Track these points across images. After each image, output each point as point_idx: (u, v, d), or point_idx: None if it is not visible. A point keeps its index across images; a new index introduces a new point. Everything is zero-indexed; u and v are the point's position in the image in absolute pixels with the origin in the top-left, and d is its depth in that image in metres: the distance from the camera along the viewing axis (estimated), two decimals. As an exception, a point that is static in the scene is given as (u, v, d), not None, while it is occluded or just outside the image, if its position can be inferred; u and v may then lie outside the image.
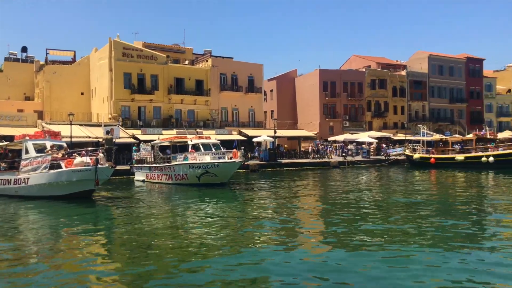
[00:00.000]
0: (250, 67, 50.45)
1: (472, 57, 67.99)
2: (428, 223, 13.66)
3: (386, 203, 18.27)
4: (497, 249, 10.38)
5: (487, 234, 12.25)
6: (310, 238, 12.09)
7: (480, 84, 67.75)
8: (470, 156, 38.34)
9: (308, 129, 54.63)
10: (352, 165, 41.53)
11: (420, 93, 62.82)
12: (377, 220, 14.30)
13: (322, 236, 12.20)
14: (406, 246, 10.71)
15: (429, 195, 20.87)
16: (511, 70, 71.96)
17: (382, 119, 59.81)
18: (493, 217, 14.82)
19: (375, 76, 59.67)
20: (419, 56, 65.56)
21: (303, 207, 17.65)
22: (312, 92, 57.70)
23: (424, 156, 40.98)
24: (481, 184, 26.24)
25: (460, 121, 64.19)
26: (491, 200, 19.08)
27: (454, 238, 11.58)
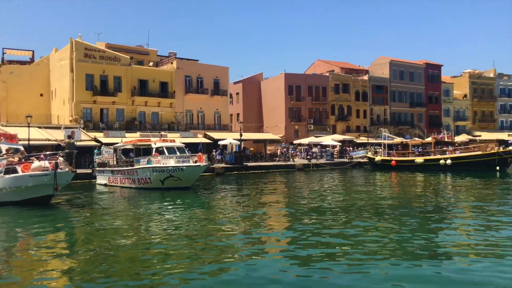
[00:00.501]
0: (216, 70, 50.31)
1: (431, 63, 70.53)
2: (388, 226, 14.04)
3: (349, 206, 18.61)
4: (452, 254, 10.81)
5: (444, 236, 12.71)
6: (274, 244, 12.15)
7: (439, 89, 70.34)
8: (429, 158, 39.69)
9: (273, 132, 55.00)
10: (316, 167, 42.11)
11: (382, 98, 64.56)
12: (340, 224, 14.56)
13: (286, 243, 12.26)
14: (367, 251, 10.95)
15: (390, 197, 21.47)
16: (467, 76, 75.03)
17: (346, 123, 61.01)
18: (449, 219, 15.39)
19: (338, 80, 60.85)
20: (380, 61, 67.39)
21: (268, 211, 17.71)
22: (277, 96, 58.17)
23: (386, 158, 42.09)
24: (439, 186, 27.19)
25: (419, 124, 66.35)
26: (448, 201, 19.81)
27: (413, 242, 11.95)
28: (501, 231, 12.70)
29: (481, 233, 12.61)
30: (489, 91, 74.74)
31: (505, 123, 75.82)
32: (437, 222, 14.52)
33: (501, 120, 75.72)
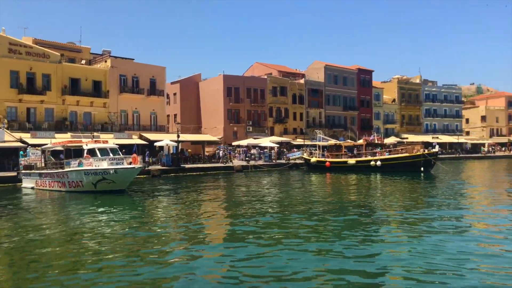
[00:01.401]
0: (152, 69, 49.22)
1: (363, 69, 73.89)
2: (322, 225, 14.51)
3: (286, 205, 19.01)
4: (384, 247, 11.39)
5: (373, 233, 13.35)
6: (211, 247, 12.12)
7: (370, 93, 73.86)
8: (360, 160, 41.52)
9: (212, 134, 54.78)
10: (255, 169, 42.51)
11: (317, 101, 66.60)
12: (278, 223, 14.82)
13: (223, 245, 12.29)
14: (302, 252, 11.25)
15: (325, 197, 22.18)
16: (395, 82, 79.48)
17: (283, 125, 62.21)
18: (377, 217, 16.21)
19: (276, 83, 61.93)
20: (316, 66, 69.52)
21: (205, 214, 17.59)
22: (216, 97, 58.04)
23: (320, 160, 43.47)
24: (369, 186, 28.54)
25: (352, 127, 69.27)
26: (377, 200, 20.87)
27: (344, 238, 12.44)
28: (425, 227, 13.59)
29: (407, 228, 13.41)
30: (415, 96, 79.70)
31: (429, 126, 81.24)
32: (366, 219, 15.22)
33: (426, 123, 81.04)
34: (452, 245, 11.28)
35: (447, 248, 10.98)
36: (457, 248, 10.96)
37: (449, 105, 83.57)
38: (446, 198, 21.06)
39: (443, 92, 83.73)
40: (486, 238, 12.14)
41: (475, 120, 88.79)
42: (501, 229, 13.42)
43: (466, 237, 12.35)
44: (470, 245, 11.26)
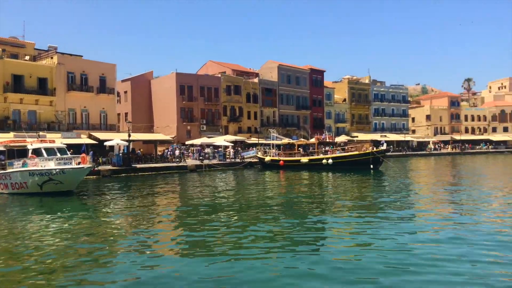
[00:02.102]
0: (102, 67, 47.66)
1: (315, 69, 75.32)
2: (276, 223, 14.66)
3: (241, 204, 19.04)
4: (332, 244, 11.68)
5: (326, 229, 13.67)
6: (163, 248, 11.94)
7: (322, 93, 75.43)
8: (313, 158, 42.33)
9: (165, 133, 53.88)
10: (209, 168, 42.24)
11: (271, 100, 67.20)
12: (232, 222, 14.82)
13: (176, 247, 12.15)
14: (255, 248, 11.33)
15: (279, 195, 22.44)
16: (346, 82, 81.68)
17: (237, 124, 62.26)
18: (330, 214, 16.61)
19: (230, 82, 61.86)
20: (270, 65, 70.12)
21: (158, 218, 17.25)
22: (169, 95, 57.14)
23: (275, 158, 43.91)
24: (321, 183, 29.18)
25: (305, 126, 70.48)
26: (329, 197, 21.38)
27: (298, 235, 12.64)
28: (375, 223, 14.08)
29: (357, 225, 13.84)
30: (365, 96, 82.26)
31: (378, 125, 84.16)
32: (318, 217, 15.55)
33: (375, 122, 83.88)
34: (400, 238, 11.79)
35: (394, 241, 11.46)
36: (405, 240, 11.47)
37: (396, 104, 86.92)
38: (393, 194, 21.93)
39: (391, 92, 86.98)
40: (426, 229, 12.79)
41: (420, 119, 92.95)
42: (441, 219, 14.18)
43: (411, 229, 12.95)
44: (415, 237, 11.83)
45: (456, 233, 12.35)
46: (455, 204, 18.20)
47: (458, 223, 13.80)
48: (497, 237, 11.81)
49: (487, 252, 10.35)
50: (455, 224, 13.72)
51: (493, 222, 14.12)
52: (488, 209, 16.85)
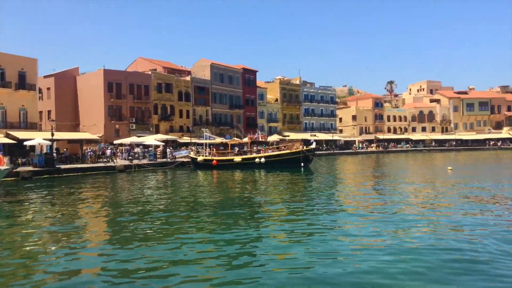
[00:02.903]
0: (22, 61, 44.42)
1: (247, 68, 75.91)
2: (208, 223, 14.51)
3: (172, 206, 18.62)
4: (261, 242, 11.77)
5: (258, 229, 13.75)
6: (89, 254, 11.34)
7: (254, 93, 76.22)
8: (246, 157, 42.58)
9: (92, 132, 51.42)
10: (139, 168, 40.94)
11: (204, 99, 66.70)
12: (162, 225, 14.44)
13: (103, 252, 11.59)
14: (188, 251, 11.11)
15: (211, 195, 22.25)
16: (278, 82, 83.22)
17: (169, 123, 61.03)
18: (263, 212, 16.76)
19: (161, 79, 60.47)
20: (202, 63, 69.53)
21: (83, 219, 16.39)
22: (96, 93, 54.61)
23: (207, 158, 43.55)
24: (254, 182, 29.40)
25: (238, 125, 70.78)
26: (262, 196, 21.58)
27: (231, 235, 12.59)
28: (307, 221, 14.40)
29: (291, 223, 14.07)
30: (295, 97, 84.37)
31: (308, 125, 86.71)
32: (252, 216, 15.63)
33: (305, 122, 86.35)
34: (331, 235, 12.18)
35: (324, 237, 11.82)
36: (336, 236, 11.87)
37: (325, 105, 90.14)
38: (322, 190, 22.67)
39: (320, 93, 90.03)
40: (355, 223, 13.37)
41: (347, 119, 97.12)
42: (367, 215, 14.88)
43: (342, 226, 13.44)
44: (342, 233, 12.30)
45: (380, 226, 13.01)
46: (380, 199, 19.17)
47: (383, 216, 14.54)
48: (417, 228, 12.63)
49: (410, 245, 10.99)
50: (380, 217, 14.45)
51: (413, 213, 15.05)
52: (410, 202, 17.96)
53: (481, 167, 41.43)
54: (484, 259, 9.61)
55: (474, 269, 9.01)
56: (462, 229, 12.69)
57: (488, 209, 16.10)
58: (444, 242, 11.15)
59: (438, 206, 17.20)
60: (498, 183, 25.87)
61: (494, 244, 10.76)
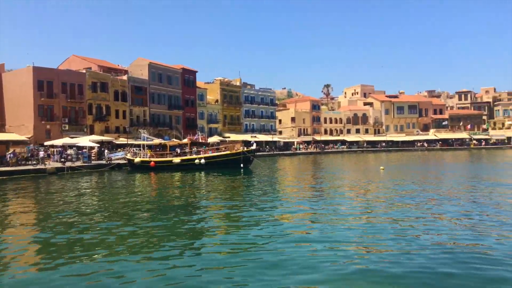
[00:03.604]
0: None
1: (187, 69, 74.99)
2: (145, 227, 14.14)
3: (107, 210, 17.93)
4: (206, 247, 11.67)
5: (198, 230, 13.60)
6: (17, 261, 10.63)
7: (194, 93, 75.46)
8: (185, 158, 42.01)
9: (19, 133, 48.23)
10: (72, 171, 39.01)
11: (141, 99, 64.96)
12: (98, 230, 13.87)
13: (34, 259, 10.90)
14: (125, 258, 10.76)
15: (149, 198, 21.70)
16: (218, 83, 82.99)
17: (104, 123, 58.78)
18: (202, 214, 16.61)
19: (96, 78, 58.11)
20: (140, 63, 67.70)
21: (9, 225, 15.36)
22: (24, 91, 51.32)
23: (145, 159, 42.43)
24: (194, 184, 29.08)
25: (177, 126, 69.67)
26: (201, 197, 21.39)
27: (168, 240, 12.34)
28: (247, 223, 14.45)
29: (231, 225, 14.05)
30: (236, 98, 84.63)
31: (248, 126, 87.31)
32: (190, 218, 15.43)
33: (246, 123, 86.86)
34: (269, 234, 12.32)
35: (264, 237, 11.93)
36: (274, 234, 12.02)
37: (265, 107, 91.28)
38: (262, 191, 22.89)
39: (260, 95, 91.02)
40: (294, 225, 13.66)
41: (286, 121, 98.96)
42: (304, 215, 15.26)
43: (280, 225, 13.64)
44: (282, 231, 12.50)
45: (318, 227, 13.39)
46: (317, 198, 19.72)
47: (320, 215, 14.98)
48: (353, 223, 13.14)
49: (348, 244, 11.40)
50: (318, 216, 14.87)
51: (349, 208, 15.66)
52: (345, 200, 18.65)
53: (409, 166, 43.96)
54: (410, 255, 10.19)
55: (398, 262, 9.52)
56: (395, 224, 13.38)
57: (416, 203, 17.11)
58: (377, 235, 11.69)
59: (370, 202, 18.02)
60: (425, 179, 27.59)
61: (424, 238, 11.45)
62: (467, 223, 13.57)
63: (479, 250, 10.35)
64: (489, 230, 12.38)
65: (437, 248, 10.55)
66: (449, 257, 9.84)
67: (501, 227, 12.77)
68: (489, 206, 16.64)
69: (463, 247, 10.70)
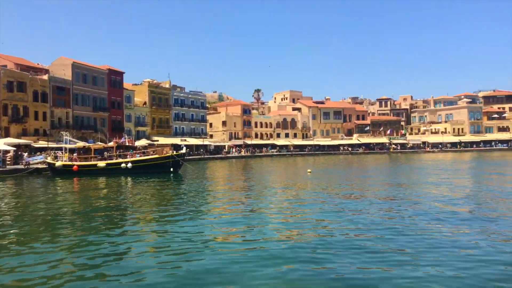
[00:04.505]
0: None
1: (113, 69, 72.24)
2: (67, 236, 13.41)
3: (22, 219, 16.71)
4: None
5: (125, 239, 13.13)
6: None
7: (121, 95, 72.85)
8: (111, 162, 40.36)
9: None
10: (-18, 177, 35.89)
11: (64, 100, 61.46)
12: (11, 241, 12.89)
13: None
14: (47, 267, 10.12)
15: (71, 205, 20.56)
16: (146, 85, 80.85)
17: (22, 125, 54.75)
18: (130, 220, 16.06)
19: (12, 77, 54.03)
20: (62, 62, 64.11)
21: None
22: None
23: (67, 163, 40.16)
24: (120, 189, 28.03)
25: (102, 129, 66.79)
26: (128, 203, 20.66)
27: (93, 248, 11.80)
28: (174, 229, 14.20)
29: (159, 231, 13.71)
30: (165, 100, 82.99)
31: (178, 129, 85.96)
32: (117, 225, 14.85)
33: (175, 126, 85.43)
34: (197, 236, 12.20)
35: (194, 243, 11.80)
36: (202, 242, 11.93)
37: (196, 110, 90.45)
38: (192, 197, 22.65)
39: (190, 98, 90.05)
40: (221, 227, 13.67)
41: (217, 125, 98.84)
42: (234, 219, 15.34)
43: (207, 229, 13.57)
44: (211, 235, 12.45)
45: (245, 231, 13.50)
46: (246, 202, 19.89)
47: (248, 218, 15.12)
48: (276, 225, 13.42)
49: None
50: (246, 218, 15.00)
51: (273, 212, 15.97)
52: (273, 202, 19.00)
53: (334, 169, 45.87)
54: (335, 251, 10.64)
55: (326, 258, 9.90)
56: (319, 225, 13.87)
57: (339, 203, 17.89)
58: (300, 236, 12.03)
59: (297, 204, 18.53)
60: (349, 181, 28.94)
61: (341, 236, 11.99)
62: (383, 217, 14.44)
63: (395, 247, 11.06)
64: (402, 226, 13.29)
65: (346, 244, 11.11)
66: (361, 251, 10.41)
67: (403, 221, 13.74)
68: (406, 203, 17.84)
69: (375, 239, 11.36)
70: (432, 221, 14.44)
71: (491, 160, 58.65)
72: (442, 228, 13.25)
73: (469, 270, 9.20)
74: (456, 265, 9.55)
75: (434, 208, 17.02)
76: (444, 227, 13.38)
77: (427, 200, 19.45)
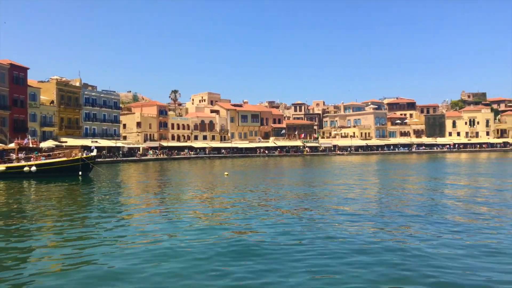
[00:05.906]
0: None
1: (16, 65, 66.61)
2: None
3: None
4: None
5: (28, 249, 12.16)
6: None
7: (25, 92, 67.33)
8: (12, 166, 37.18)
9: None
10: None
11: (-44, 96, 55.29)
12: None
13: None
14: None
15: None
16: (54, 83, 75.62)
17: None
18: (28, 229, 14.90)
19: None
20: (-46, 53, 57.68)
21: None
22: None
23: (-41, 167, 36.16)
24: (21, 195, 25.87)
25: (3, 129, 61.19)
26: (30, 211, 19.11)
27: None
28: (84, 237, 13.41)
29: (67, 239, 12.86)
30: (75, 99, 78.27)
31: (89, 130, 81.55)
32: (17, 233, 13.69)
33: (86, 127, 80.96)
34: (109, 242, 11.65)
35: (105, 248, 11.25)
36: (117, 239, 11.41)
37: (108, 110, 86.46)
38: (102, 203, 21.61)
39: (103, 97, 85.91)
40: (143, 231, 13.23)
41: (131, 126, 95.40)
42: (155, 222, 14.92)
43: (128, 231, 13.04)
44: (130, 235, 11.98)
45: (171, 242, 13.18)
46: (161, 206, 19.42)
47: (164, 222, 14.78)
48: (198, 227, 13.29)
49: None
50: (161, 222, 14.65)
51: (189, 215, 15.81)
52: (189, 205, 18.78)
53: (250, 171, 46.61)
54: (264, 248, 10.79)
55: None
56: (233, 225, 14.00)
57: (250, 205, 18.21)
58: (222, 236, 12.06)
59: (214, 206, 18.52)
60: (264, 181, 29.58)
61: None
62: (296, 216, 14.98)
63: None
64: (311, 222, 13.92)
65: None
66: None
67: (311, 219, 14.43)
68: (317, 201, 18.67)
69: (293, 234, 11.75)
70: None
71: (395, 163, 63.57)
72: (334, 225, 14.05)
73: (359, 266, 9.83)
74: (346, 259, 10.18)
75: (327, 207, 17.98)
76: (340, 224, 14.20)
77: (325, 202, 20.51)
